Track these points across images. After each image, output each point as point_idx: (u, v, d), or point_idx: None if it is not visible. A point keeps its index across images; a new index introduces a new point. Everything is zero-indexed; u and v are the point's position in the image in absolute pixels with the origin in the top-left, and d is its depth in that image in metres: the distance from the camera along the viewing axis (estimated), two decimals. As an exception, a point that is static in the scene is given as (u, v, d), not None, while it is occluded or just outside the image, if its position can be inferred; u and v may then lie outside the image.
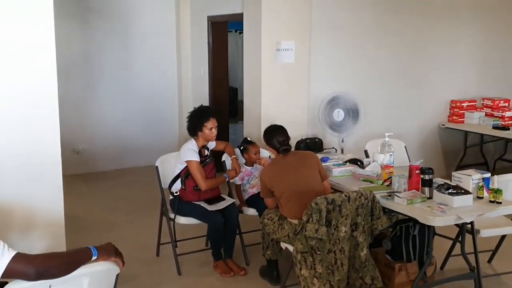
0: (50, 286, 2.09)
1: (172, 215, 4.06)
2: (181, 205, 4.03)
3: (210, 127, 4.06)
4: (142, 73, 7.30)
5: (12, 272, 2.01)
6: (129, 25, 7.20)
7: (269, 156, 4.46)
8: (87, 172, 6.93)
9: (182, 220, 4.03)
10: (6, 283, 2.19)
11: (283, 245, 3.59)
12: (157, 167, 4.17)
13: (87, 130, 6.99)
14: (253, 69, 5.49)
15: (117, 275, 2.28)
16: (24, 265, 2.02)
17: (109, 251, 2.24)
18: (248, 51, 5.59)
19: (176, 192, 4.07)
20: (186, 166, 4.01)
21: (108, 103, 7.17)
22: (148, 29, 7.27)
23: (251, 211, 4.23)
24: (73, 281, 2.14)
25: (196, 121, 4.08)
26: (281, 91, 5.42)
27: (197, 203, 4.02)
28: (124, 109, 7.28)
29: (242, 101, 5.86)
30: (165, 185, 4.16)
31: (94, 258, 2.17)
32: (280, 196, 3.60)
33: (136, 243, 4.53)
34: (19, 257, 2.03)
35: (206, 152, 4.17)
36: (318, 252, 3.19)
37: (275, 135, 3.78)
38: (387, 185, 3.70)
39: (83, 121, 6.93)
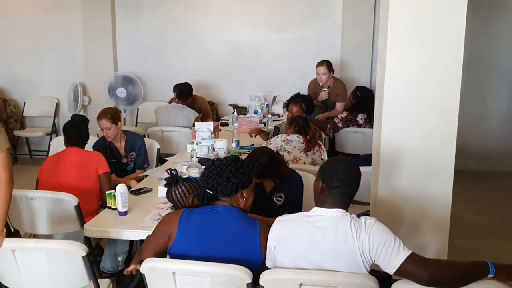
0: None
1: None
2: None
3: None
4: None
5: (404, 272, 1.99)
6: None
7: None
8: (456, 170, 6.63)
9: None
10: (389, 276, 2.19)
11: None
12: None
13: (464, 125, 6.65)
14: None
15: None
16: (417, 268, 1.96)
17: (510, 273, 1.98)
18: None
19: None
20: None
21: (493, 99, 6.67)
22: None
23: None
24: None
25: None
26: None
27: None
28: (509, 106, 6.64)
29: None
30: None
31: (490, 276, 1.96)
32: None
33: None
34: (413, 258, 1.98)
35: None
36: None
37: None
38: None
39: (462, 116, 6.61)
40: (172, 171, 3.06)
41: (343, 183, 2.16)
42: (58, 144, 4.44)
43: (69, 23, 7.06)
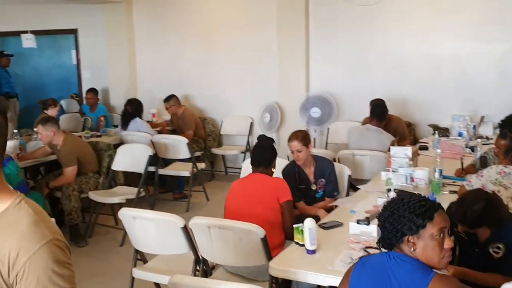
0: None
1: None
2: None
3: None
4: None
5: None
6: None
7: None
8: None
9: None
10: None
11: None
12: None
13: None
14: None
15: None
16: None
17: None
18: None
19: None
20: None
21: None
22: None
23: None
24: None
25: None
26: None
27: None
28: None
29: None
30: None
31: None
32: None
33: None
34: None
35: None
36: None
37: None
38: None
39: None
40: None
41: None
42: (248, 166, 4.39)
43: (264, 43, 7.17)
